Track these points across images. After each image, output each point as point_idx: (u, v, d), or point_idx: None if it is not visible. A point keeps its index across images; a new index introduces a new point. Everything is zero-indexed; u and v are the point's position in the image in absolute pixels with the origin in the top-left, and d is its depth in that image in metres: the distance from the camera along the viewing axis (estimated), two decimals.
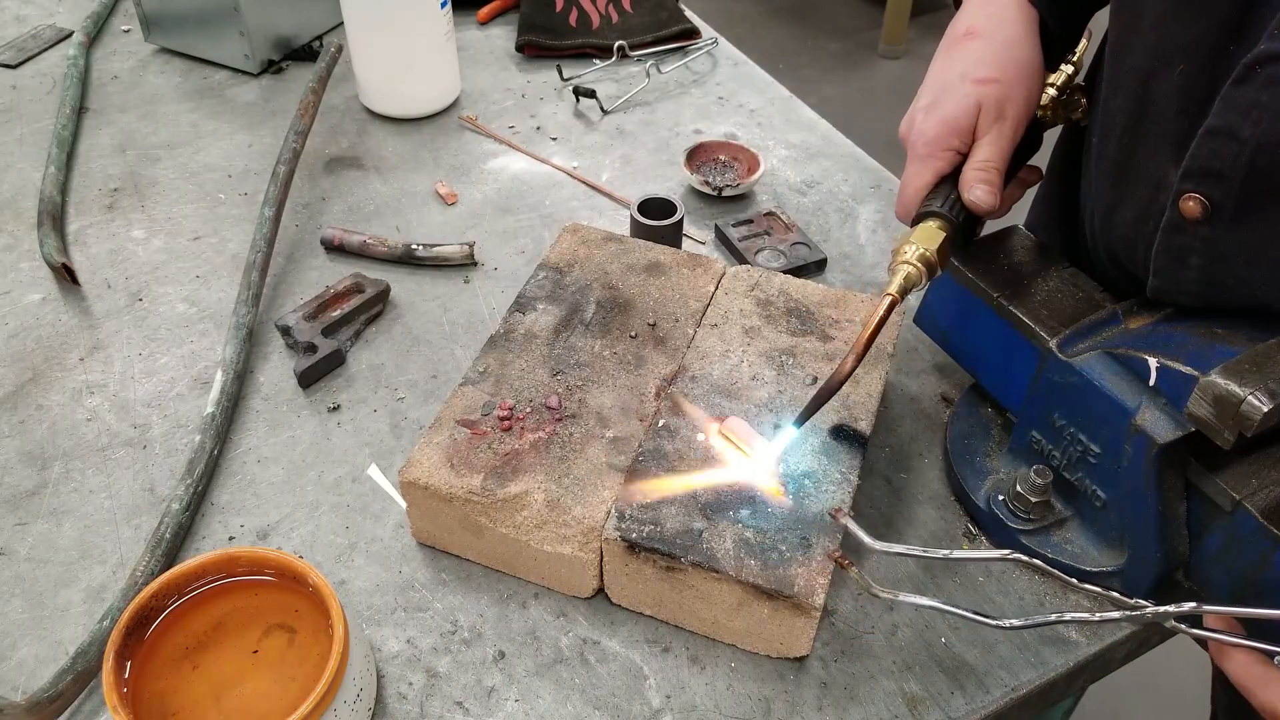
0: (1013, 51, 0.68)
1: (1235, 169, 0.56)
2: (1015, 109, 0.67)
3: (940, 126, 0.66)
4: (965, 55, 0.68)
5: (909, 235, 0.65)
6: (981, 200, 0.65)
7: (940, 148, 0.66)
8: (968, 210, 0.65)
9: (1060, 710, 1.03)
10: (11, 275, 0.92)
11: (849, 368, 0.61)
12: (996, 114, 0.66)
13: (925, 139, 0.67)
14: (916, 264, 0.63)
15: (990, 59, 0.67)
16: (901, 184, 0.69)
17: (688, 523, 0.62)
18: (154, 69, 1.21)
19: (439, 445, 0.66)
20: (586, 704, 0.61)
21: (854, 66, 3.27)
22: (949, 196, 0.66)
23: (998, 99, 0.66)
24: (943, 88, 0.68)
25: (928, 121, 0.67)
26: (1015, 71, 0.67)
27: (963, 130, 0.66)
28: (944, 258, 0.64)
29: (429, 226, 0.99)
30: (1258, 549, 0.55)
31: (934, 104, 0.68)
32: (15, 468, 0.75)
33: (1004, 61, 0.67)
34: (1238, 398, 0.53)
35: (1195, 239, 0.60)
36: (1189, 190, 0.58)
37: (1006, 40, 0.68)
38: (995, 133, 0.66)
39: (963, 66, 0.68)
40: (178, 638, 0.57)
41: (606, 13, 1.29)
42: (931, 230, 0.65)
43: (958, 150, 0.67)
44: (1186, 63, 0.59)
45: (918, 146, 0.67)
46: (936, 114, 0.67)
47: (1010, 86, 0.67)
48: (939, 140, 0.66)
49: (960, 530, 0.71)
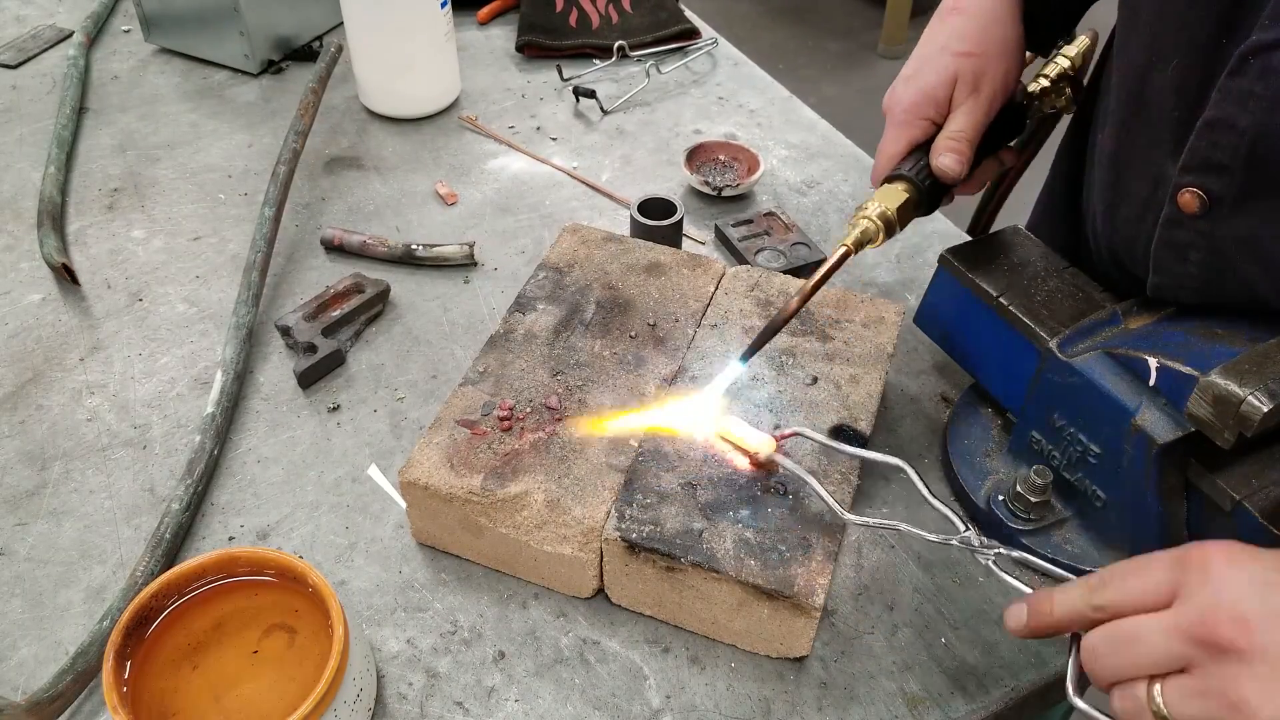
0: (993, 29, 0.70)
1: (1234, 160, 0.56)
2: (991, 83, 0.69)
3: (917, 95, 0.69)
4: (947, 29, 0.71)
5: (874, 195, 0.68)
6: (948, 168, 0.67)
7: (916, 115, 0.69)
8: (934, 176, 0.68)
9: (1060, 710, 1.03)
10: (11, 275, 0.92)
11: (794, 307, 0.64)
12: (972, 86, 0.68)
13: (902, 106, 0.70)
14: (875, 220, 0.66)
15: (971, 34, 0.70)
16: (877, 150, 0.71)
17: (688, 523, 0.62)
18: (154, 69, 1.21)
19: (439, 445, 0.66)
20: (586, 704, 0.61)
21: (854, 66, 3.27)
22: (919, 162, 0.69)
23: (974, 72, 0.68)
24: (923, 59, 0.71)
25: (906, 90, 0.70)
26: (995, 48, 0.70)
27: (938, 100, 0.69)
28: (904, 217, 0.67)
29: (429, 226, 0.99)
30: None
31: (914, 74, 0.71)
32: (15, 468, 0.75)
33: (984, 38, 0.70)
34: (1238, 398, 0.53)
35: (1194, 233, 0.60)
36: (1187, 184, 0.59)
37: (988, 18, 0.71)
38: (970, 104, 0.68)
39: (944, 39, 0.71)
40: (178, 638, 0.57)
41: (606, 13, 1.29)
42: (895, 191, 0.68)
43: (932, 120, 0.69)
44: (1181, 57, 0.60)
45: (895, 114, 0.70)
46: (915, 84, 0.70)
47: (988, 61, 0.69)
48: (915, 108, 0.69)
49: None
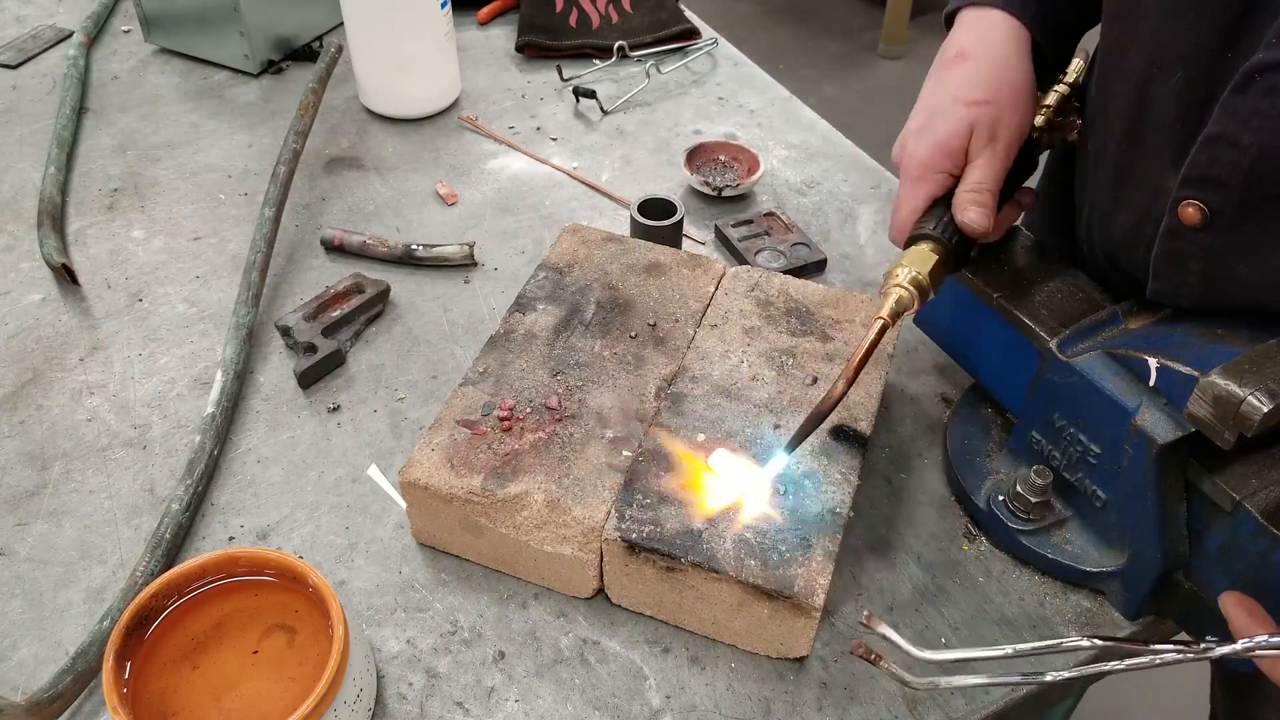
0: (1005, 73, 0.68)
1: (1235, 176, 0.55)
2: (1008, 131, 0.66)
3: (932, 149, 0.66)
4: (956, 77, 0.68)
5: (901, 258, 0.65)
6: (975, 222, 0.64)
7: (933, 170, 0.66)
8: (961, 232, 0.65)
9: (1060, 710, 1.03)
10: (11, 275, 0.92)
11: (839, 392, 0.61)
12: (989, 136, 0.66)
13: (917, 161, 0.67)
14: (909, 287, 0.63)
15: (982, 81, 0.67)
16: (894, 207, 0.68)
17: (688, 523, 0.62)
18: (154, 69, 1.21)
19: (439, 445, 0.66)
20: (586, 704, 0.61)
21: (854, 66, 3.27)
22: (942, 219, 0.65)
23: (990, 121, 0.66)
24: (934, 110, 0.67)
25: (919, 144, 0.67)
26: (1008, 93, 0.67)
27: (955, 153, 0.66)
28: (936, 280, 0.64)
29: (429, 227, 0.99)
30: (1258, 549, 0.55)
31: (925, 127, 0.67)
32: (15, 468, 0.75)
33: (996, 83, 0.67)
34: (1238, 398, 0.53)
35: (1194, 245, 0.60)
36: (1188, 197, 0.58)
37: (998, 62, 0.68)
38: (988, 154, 0.66)
39: (954, 89, 0.67)
40: (178, 638, 0.57)
41: (606, 13, 1.29)
42: (924, 253, 0.64)
43: (950, 173, 0.66)
44: (1185, 69, 0.59)
45: (910, 169, 0.67)
46: (928, 137, 0.66)
47: (1002, 108, 0.66)
48: (931, 163, 0.66)
49: (960, 530, 0.71)
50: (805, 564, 0.60)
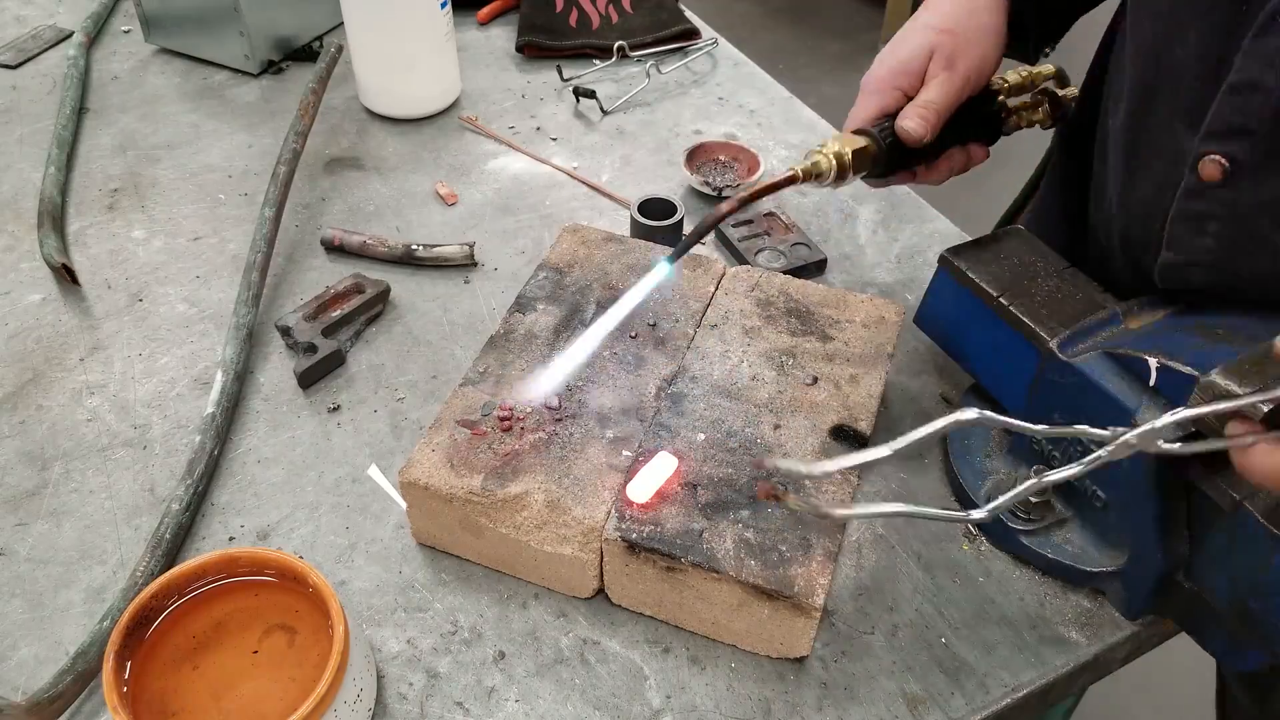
0: (975, 17, 0.71)
1: (1260, 122, 0.56)
2: (966, 63, 0.70)
3: (891, 66, 0.71)
4: (930, 9, 0.73)
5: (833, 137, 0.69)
6: (911, 129, 0.68)
7: (889, 85, 0.70)
8: (896, 137, 0.69)
9: (1060, 710, 1.03)
10: (11, 275, 0.92)
11: (728, 209, 0.64)
12: (947, 63, 0.69)
13: (875, 76, 0.71)
14: (829, 156, 0.68)
15: (951, 14, 0.71)
16: (848, 117, 0.73)
17: (688, 523, 0.62)
18: (154, 69, 1.21)
19: (439, 446, 0.66)
20: (586, 704, 0.61)
21: (854, 67, 3.26)
22: (883, 125, 0.70)
23: (950, 48, 0.69)
24: (900, 37, 0.72)
25: (881, 62, 0.72)
26: (974, 31, 0.71)
27: (912, 72, 0.70)
28: (858, 164, 0.69)
29: (429, 227, 0.99)
30: (1258, 549, 0.55)
31: (889, 49, 0.72)
32: (15, 468, 0.75)
33: (964, 20, 0.71)
34: (1237, 398, 0.53)
35: (1214, 203, 0.61)
36: (1209, 152, 0.59)
37: (972, 4, 0.72)
38: (943, 78, 0.69)
39: (923, 19, 0.72)
40: (178, 638, 0.57)
41: (606, 13, 1.29)
42: (854, 138, 0.69)
43: (905, 91, 0.70)
44: (1201, 27, 0.59)
45: (868, 84, 0.72)
46: (890, 56, 0.71)
47: (966, 42, 0.70)
48: (888, 78, 0.70)
49: (960, 530, 0.71)
50: (805, 564, 0.60)
